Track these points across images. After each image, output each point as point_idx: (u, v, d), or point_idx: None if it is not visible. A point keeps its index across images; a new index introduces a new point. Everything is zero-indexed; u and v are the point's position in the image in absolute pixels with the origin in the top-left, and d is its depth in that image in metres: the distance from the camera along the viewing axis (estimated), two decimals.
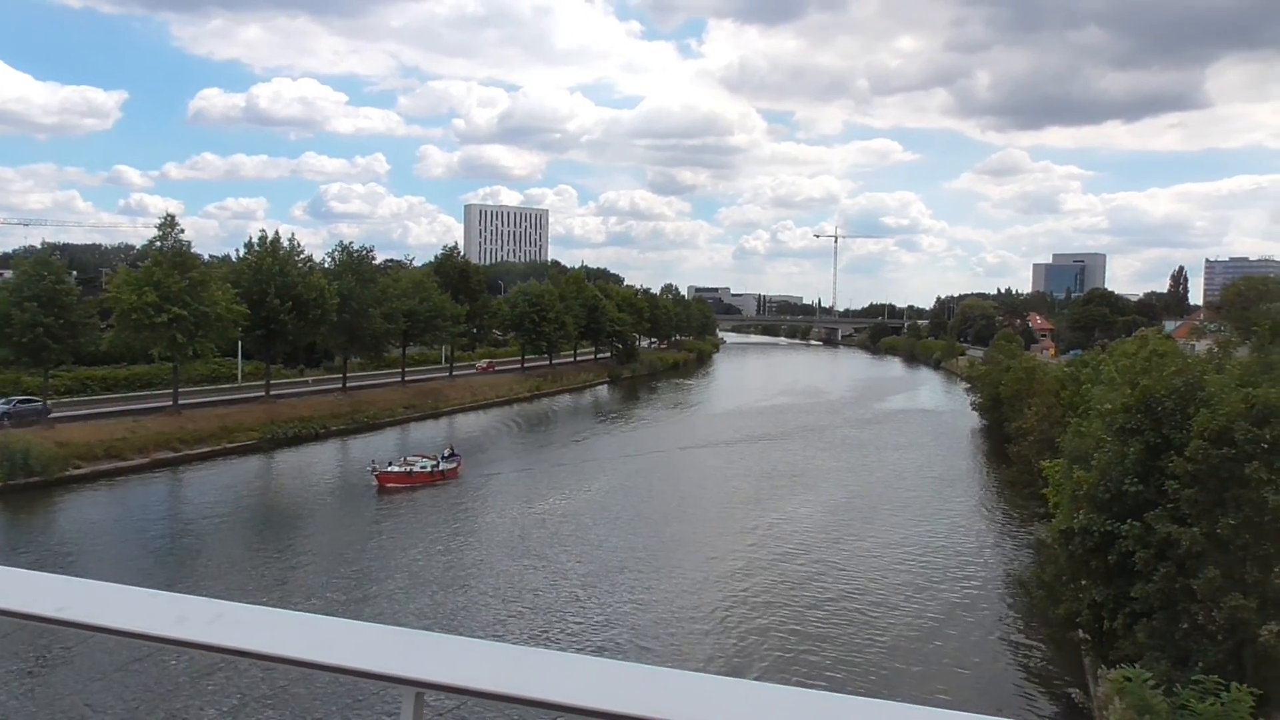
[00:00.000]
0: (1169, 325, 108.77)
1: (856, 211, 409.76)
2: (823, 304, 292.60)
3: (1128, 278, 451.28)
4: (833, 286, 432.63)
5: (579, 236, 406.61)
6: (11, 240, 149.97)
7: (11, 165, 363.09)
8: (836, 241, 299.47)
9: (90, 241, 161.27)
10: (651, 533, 41.53)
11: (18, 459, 44.68)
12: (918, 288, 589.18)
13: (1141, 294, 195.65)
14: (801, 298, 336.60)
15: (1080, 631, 25.12)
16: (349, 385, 75.23)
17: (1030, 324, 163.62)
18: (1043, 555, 31.32)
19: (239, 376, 73.88)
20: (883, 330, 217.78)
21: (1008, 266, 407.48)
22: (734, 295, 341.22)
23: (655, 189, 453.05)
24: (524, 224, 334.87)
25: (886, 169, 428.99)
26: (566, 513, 45.18)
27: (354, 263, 75.62)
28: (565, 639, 27.98)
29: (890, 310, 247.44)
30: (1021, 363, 65.86)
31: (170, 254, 58.02)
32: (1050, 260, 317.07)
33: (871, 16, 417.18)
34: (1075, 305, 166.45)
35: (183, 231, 60.05)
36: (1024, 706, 25.14)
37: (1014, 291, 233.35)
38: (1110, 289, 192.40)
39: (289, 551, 37.58)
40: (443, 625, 27.74)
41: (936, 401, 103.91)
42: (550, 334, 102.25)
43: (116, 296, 56.58)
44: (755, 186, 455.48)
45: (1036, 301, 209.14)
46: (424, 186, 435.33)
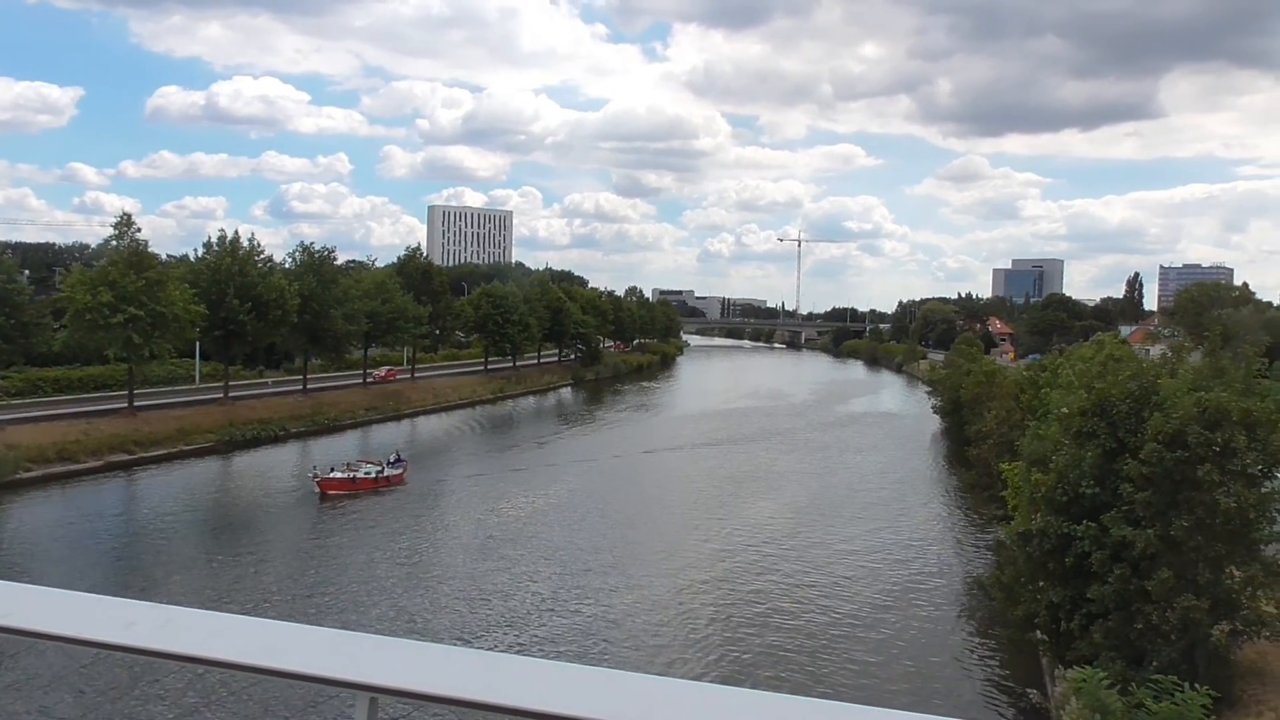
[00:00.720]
0: (1124, 330, 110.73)
1: (820, 216, 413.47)
2: (786, 307, 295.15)
3: (1085, 283, 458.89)
4: (796, 290, 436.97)
5: (543, 238, 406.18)
6: None
7: None
8: (800, 245, 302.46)
9: (43, 240, 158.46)
10: (609, 539, 40.94)
11: None
12: (880, 292, 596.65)
13: (1098, 299, 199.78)
14: (765, 301, 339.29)
15: (1038, 632, 25.40)
16: (310, 387, 74.40)
17: (990, 328, 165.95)
18: (1002, 557, 31.59)
19: (197, 378, 72.77)
20: (845, 334, 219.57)
21: (968, 271, 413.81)
22: (698, 298, 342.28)
23: (620, 191, 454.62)
24: (488, 225, 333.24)
25: (850, 174, 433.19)
26: (519, 519, 44.14)
27: (315, 263, 74.81)
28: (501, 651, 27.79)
29: (853, 314, 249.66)
30: (981, 367, 66.52)
31: (126, 253, 57.01)
32: (1010, 265, 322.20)
33: (836, 23, 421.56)
34: (1034, 310, 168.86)
35: (139, 231, 59.23)
36: (983, 707, 25.41)
37: (974, 296, 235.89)
38: (1068, 294, 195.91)
39: (223, 560, 36.28)
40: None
41: (898, 405, 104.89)
42: (514, 336, 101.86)
43: (70, 296, 55.37)
44: (720, 190, 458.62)
45: (996, 306, 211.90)
46: (387, 187, 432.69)
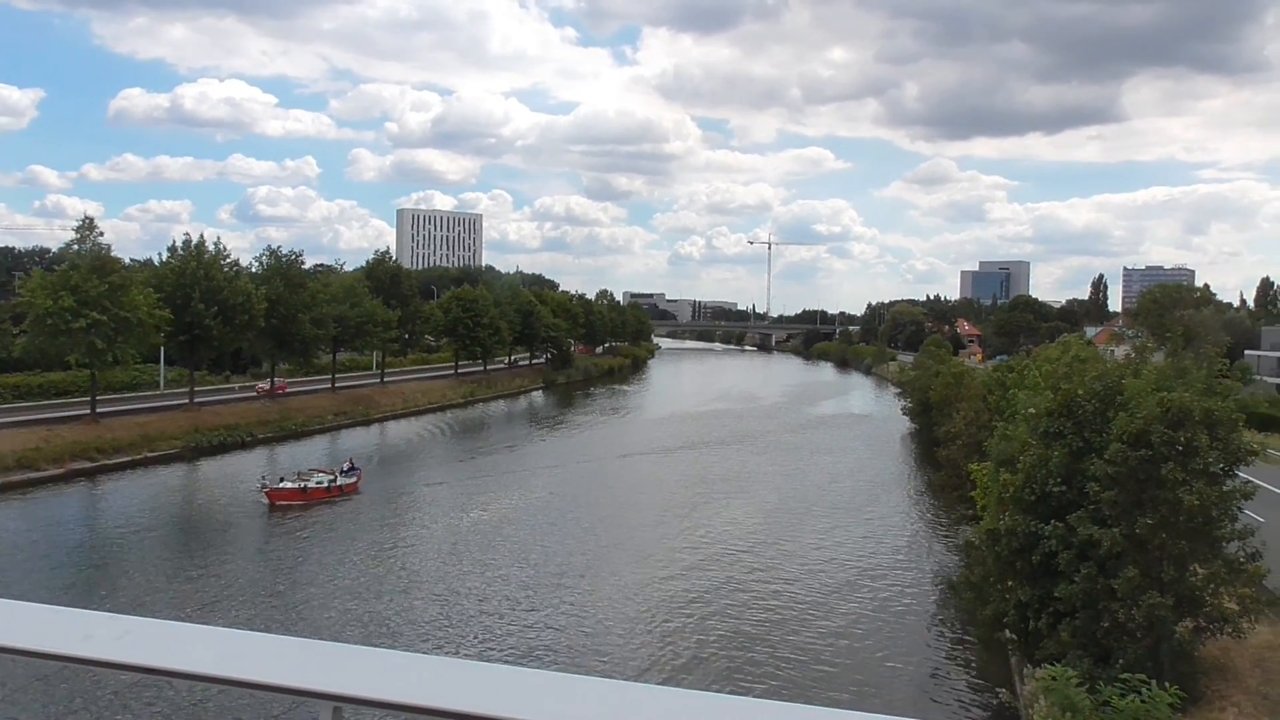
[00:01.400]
0: (1090, 331, 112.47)
1: (790, 218, 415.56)
2: (757, 310, 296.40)
3: (1051, 285, 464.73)
4: (767, 293, 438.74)
5: (514, 242, 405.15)
6: None
7: None
8: (770, 248, 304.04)
9: (3, 245, 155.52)
10: (577, 545, 40.45)
11: None
12: (849, 294, 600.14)
13: (1064, 301, 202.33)
14: (736, 304, 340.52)
15: (1007, 631, 25.63)
16: (278, 392, 73.65)
17: (958, 330, 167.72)
18: (971, 557, 31.85)
19: (161, 383, 71.83)
20: (816, 336, 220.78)
21: (936, 273, 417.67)
22: (669, 301, 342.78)
23: (591, 195, 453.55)
24: (457, 229, 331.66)
25: (819, 177, 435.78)
26: (480, 528, 43.02)
27: (282, 267, 74.23)
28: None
29: (823, 316, 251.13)
30: (950, 368, 67.11)
31: (89, 257, 56.20)
32: (977, 267, 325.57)
33: (804, 27, 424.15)
34: (1001, 312, 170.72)
35: (102, 234, 58.47)
36: (953, 707, 25.58)
37: (942, 298, 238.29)
38: (1034, 296, 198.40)
39: (167, 573, 35.23)
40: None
41: (868, 406, 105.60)
42: (484, 339, 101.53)
43: (30, 301, 54.42)
44: (690, 193, 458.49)
45: (964, 308, 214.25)
46: (355, 190, 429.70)
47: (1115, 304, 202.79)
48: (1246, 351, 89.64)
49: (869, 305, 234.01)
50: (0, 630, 1.68)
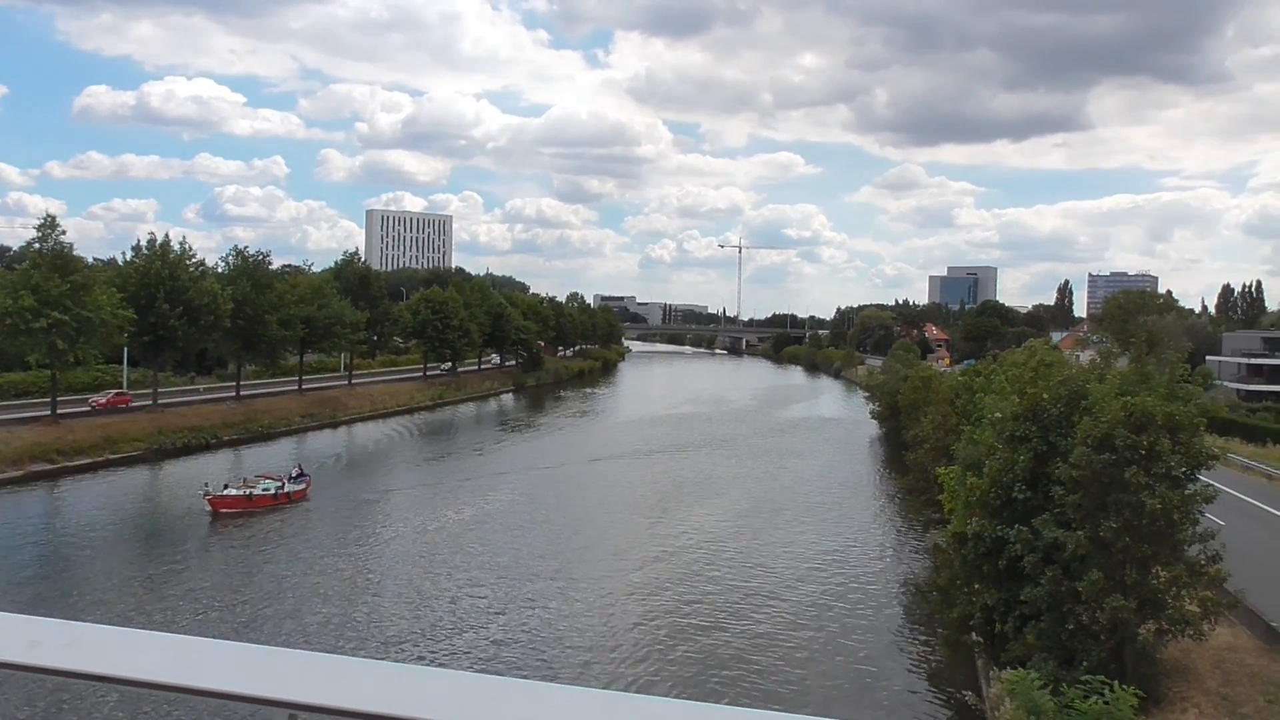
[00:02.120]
0: (1055, 336, 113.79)
1: (760, 223, 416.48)
2: (727, 313, 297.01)
3: (1017, 290, 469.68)
4: (737, 296, 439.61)
5: (484, 244, 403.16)
6: None
7: None
8: (741, 252, 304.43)
9: None
10: (539, 551, 39.75)
11: None
12: (819, 298, 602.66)
13: (1030, 306, 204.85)
14: (707, 307, 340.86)
15: (974, 634, 25.82)
16: (244, 394, 72.86)
17: (926, 334, 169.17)
18: (938, 560, 32.15)
19: (125, 384, 70.70)
20: (785, 340, 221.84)
21: (905, 278, 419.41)
22: (640, 304, 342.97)
23: (562, 197, 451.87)
24: (427, 230, 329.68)
25: (789, 181, 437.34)
26: (440, 536, 41.67)
27: (250, 268, 73.49)
28: None
29: (793, 320, 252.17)
30: (918, 372, 67.63)
31: (50, 256, 55.29)
32: (945, 272, 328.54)
33: (776, 33, 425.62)
34: (969, 316, 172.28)
35: (64, 233, 57.53)
36: (919, 709, 25.74)
37: (911, 302, 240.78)
38: (1001, 301, 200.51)
39: (118, 579, 34.13)
40: None
41: (837, 410, 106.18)
42: (454, 341, 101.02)
43: None
44: (661, 196, 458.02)
45: (932, 312, 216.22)
46: (325, 191, 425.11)
47: (1080, 309, 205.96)
48: (1208, 357, 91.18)
49: (838, 309, 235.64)
50: None
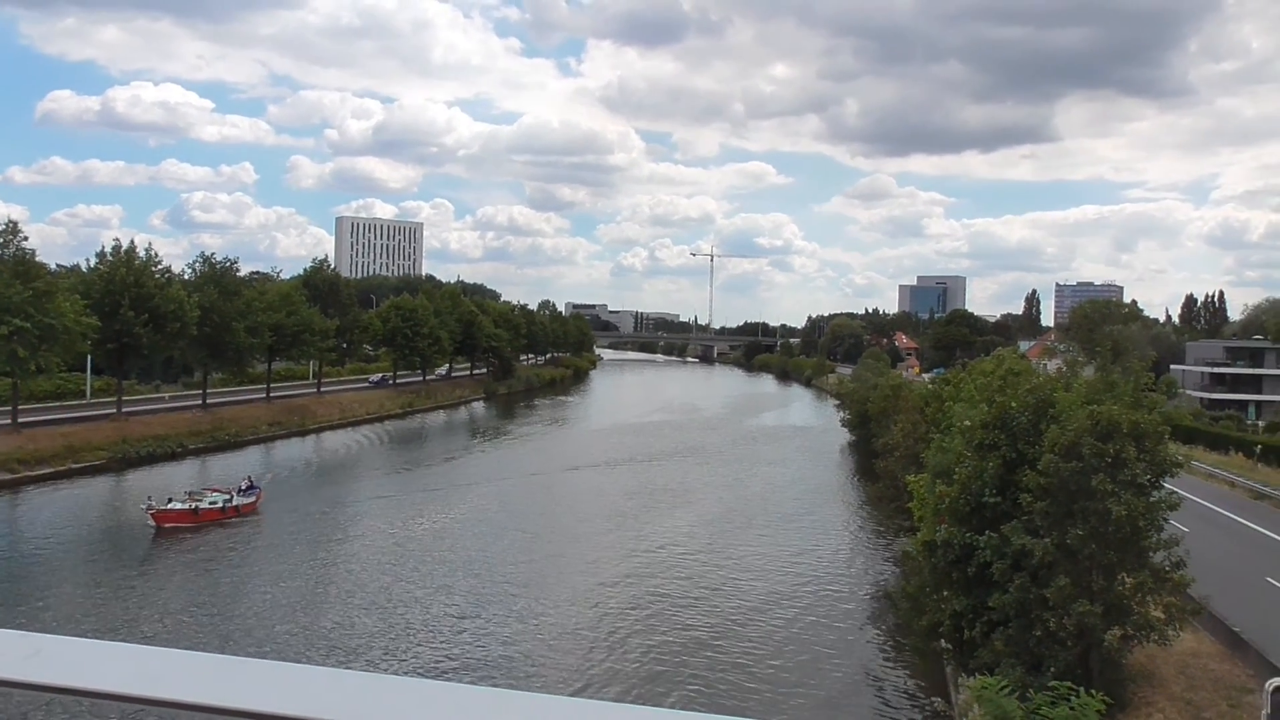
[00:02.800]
0: (1023, 345, 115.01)
1: (732, 231, 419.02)
2: (699, 322, 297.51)
3: (986, 299, 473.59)
4: (709, 305, 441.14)
5: (455, 251, 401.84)
6: None
7: None
8: (713, 260, 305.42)
9: None
10: (504, 562, 39.24)
11: None
12: (790, 307, 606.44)
13: (999, 315, 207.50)
14: (679, 315, 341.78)
15: (942, 641, 25.98)
16: (210, 402, 71.92)
17: (896, 343, 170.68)
18: (908, 567, 32.33)
19: (88, 392, 69.67)
20: (757, 348, 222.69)
21: (875, 287, 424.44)
22: (611, 312, 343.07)
23: (534, 205, 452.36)
24: (398, 237, 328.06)
25: (761, 191, 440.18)
26: (398, 549, 40.46)
27: (217, 274, 72.63)
28: None
29: (764, 329, 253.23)
30: (888, 380, 68.07)
31: (11, 263, 54.38)
32: (915, 282, 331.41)
33: (747, 43, 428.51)
34: (938, 325, 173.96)
35: (26, 239, 56.66)
36: (888, 716, 25.81)
37: (881, 311, 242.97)
38: (970, 310, 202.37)
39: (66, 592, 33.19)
40: None
41: (807, 418, 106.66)
42: (424, 349, 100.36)
43: None
44: (634, 205, 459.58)
45: (902, 321, 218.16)
46: (294, 198, 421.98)
47: (1048, 319, 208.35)
48: (1172, 366, 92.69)
49: (809, 318, 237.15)
50: None
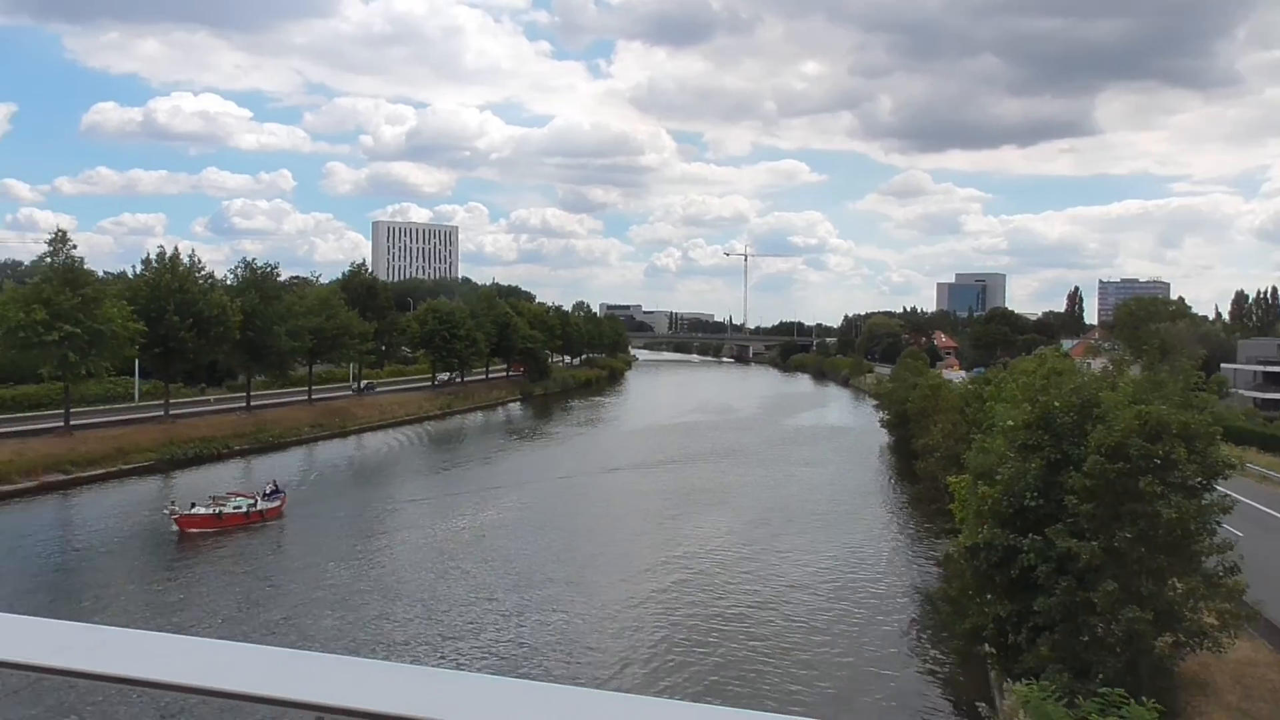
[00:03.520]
0: (1066, 344, 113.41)
1: (765, 230, 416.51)
2: (734, 322, 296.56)
3: (1026, 297, 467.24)
4: (744, 304, 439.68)
5: (490, 254, 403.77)
6: None
7: None
8: (746, 260, 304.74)
9: None
10: (550, 562, 39.24)
11: None
12: (826, 306, 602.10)
13: (1040, 313, 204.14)
14: (713, 315, 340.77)
15: (986, 645, 25.65)
16: (253, 404, 73.05)
17: (935, 342, 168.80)
18: (949, 570, 31.95)
19: (136, 396, 71.11)
20: (792, 348, 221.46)
21: (912, 285, 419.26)
22: (646, 313, 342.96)
23: (566, 207, 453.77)
24: (433, 241, 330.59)
25: (794, 189, 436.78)
26: (429, 555, 39.94)
27: (258, 279, 73.84)
28: None
29: (799, 328, 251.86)
30: (927, 380, 67.43)
31: (61, 270, 55.74)
32: (953, 280, 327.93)
33: (777, 40, 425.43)
34: (977, 324, 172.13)
35: (75, 247, 57.98)
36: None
37: (919, 310, 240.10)
38: (1010, 308, 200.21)
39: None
40: None
41: (845, 418, 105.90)
42: (461, 351, 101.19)
43: (2, 314, 53.86)
44: (666, 205, 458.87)
45: (940, 320, 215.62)
46: (331, 203, 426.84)
47: (1091, 316, 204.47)
48: (1222, 365, 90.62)
49: (845, 317, 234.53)
50: None
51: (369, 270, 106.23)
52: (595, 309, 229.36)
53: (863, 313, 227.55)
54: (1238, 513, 24.27)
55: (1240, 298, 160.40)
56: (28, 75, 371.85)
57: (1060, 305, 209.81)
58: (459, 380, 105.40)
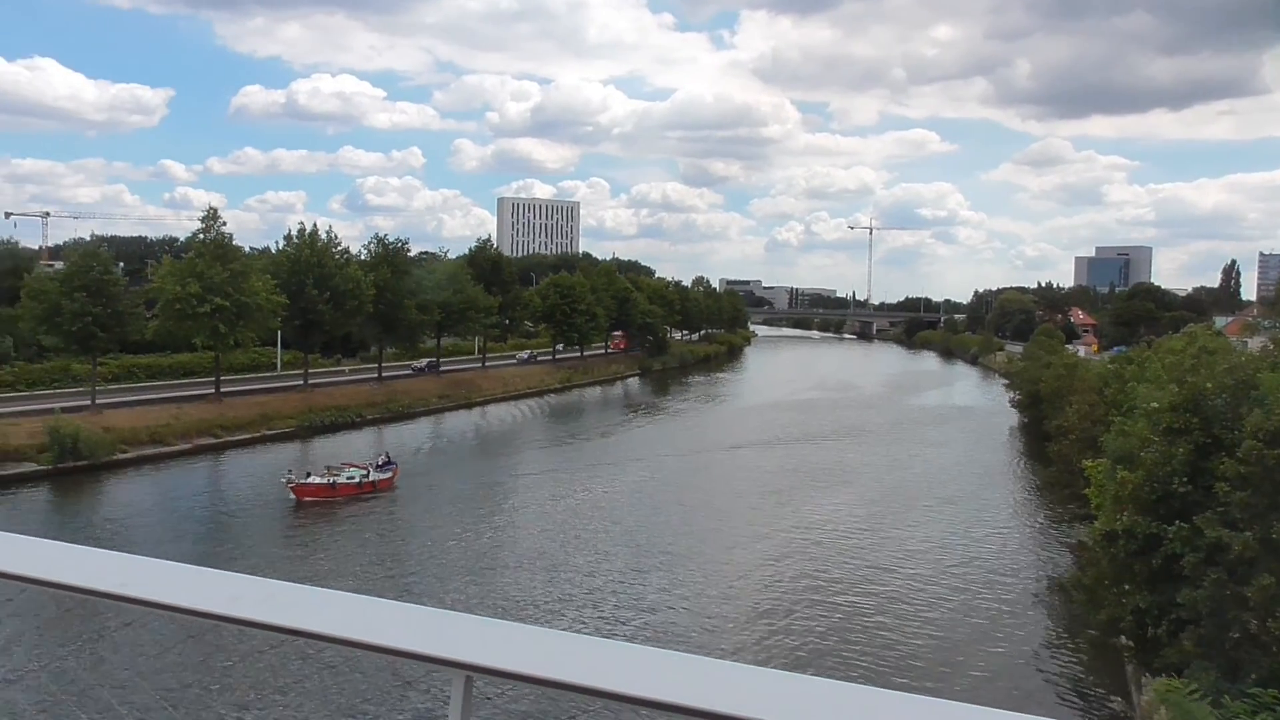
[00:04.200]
0: (1219, 321, 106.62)
1: (891, 203, 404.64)
2: (857, 297, 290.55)
3: (1174, 271, 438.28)
4: (867, 279, 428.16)
5: (610, 229, 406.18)
6: (62, 233, 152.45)
7: (63, 160, 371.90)
8: (871, 233, 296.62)
9: (136, 234, 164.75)
10: (663, 544, 39.11)
11: (67, 443, 45.95)
12: (954, 281, 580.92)
13: (1190, 289, 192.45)
14: (835, 291, 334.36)
15: (1123, 637, 24.64)
16: (385, 375, 75.94)
17: (1071, 319, 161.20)
18: (1083, 558, 30.80)
19: (278, 365, 74.95)
20: (918, 324, 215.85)
21: (1048, 259, 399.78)
22: (765, 288, 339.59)
23: (687, 181, 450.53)
24: (555, 216, 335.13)
25: (923, 159, 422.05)
26: (538, 528, 40.36)
27: (389, 255, 76.50)
28: None
29: (926, 304, 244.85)
30: (1062, 359, 64.90)
31: (212, 246, 59.11)
32: (1093, 253, 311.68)
33: (907, 5, 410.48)
34: (1119, 300, 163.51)
35: (224, 224, 61.58)
36: (1062, 710, 24.73)
37: (1054, 285, 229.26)
38: (1156, 283, 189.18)
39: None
40: None
41: (973, 398, 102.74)
42: (581, 325, 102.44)
43: (161, 287, 57.66)
44: (788, 178, 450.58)
45: (1078, 296, 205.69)
46: (458, 180, 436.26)
47: (1249, 292, 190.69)
48: None
49: (976, 293, 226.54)
50: (157, 589, 1.79)
51: (494, 246, 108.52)
52: (715, 284, 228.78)
53: (994, 288, 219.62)
54: None
55: None
56: (183, 61, 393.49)
57: (1213, 280, 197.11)
58: (553, 357, 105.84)
